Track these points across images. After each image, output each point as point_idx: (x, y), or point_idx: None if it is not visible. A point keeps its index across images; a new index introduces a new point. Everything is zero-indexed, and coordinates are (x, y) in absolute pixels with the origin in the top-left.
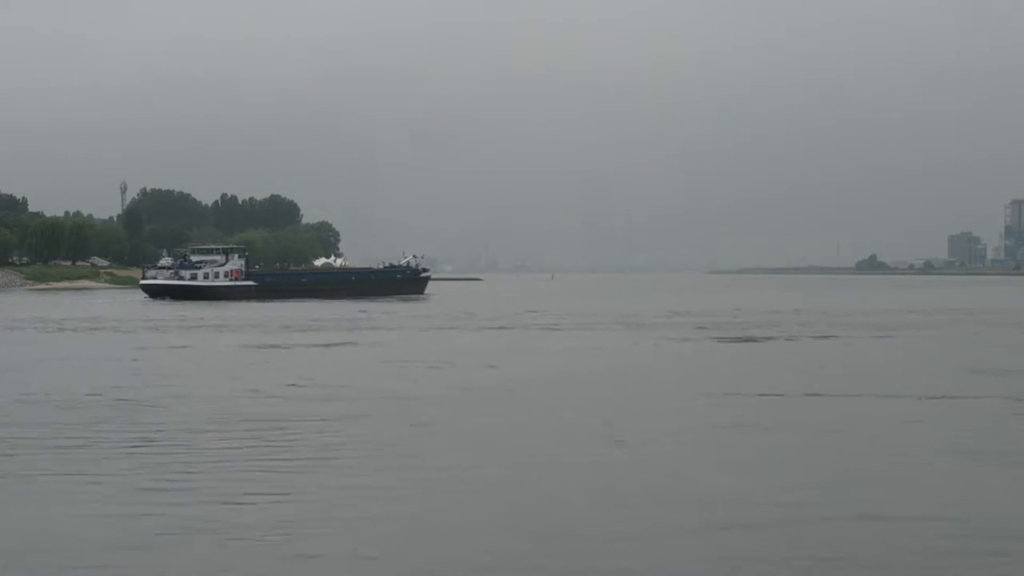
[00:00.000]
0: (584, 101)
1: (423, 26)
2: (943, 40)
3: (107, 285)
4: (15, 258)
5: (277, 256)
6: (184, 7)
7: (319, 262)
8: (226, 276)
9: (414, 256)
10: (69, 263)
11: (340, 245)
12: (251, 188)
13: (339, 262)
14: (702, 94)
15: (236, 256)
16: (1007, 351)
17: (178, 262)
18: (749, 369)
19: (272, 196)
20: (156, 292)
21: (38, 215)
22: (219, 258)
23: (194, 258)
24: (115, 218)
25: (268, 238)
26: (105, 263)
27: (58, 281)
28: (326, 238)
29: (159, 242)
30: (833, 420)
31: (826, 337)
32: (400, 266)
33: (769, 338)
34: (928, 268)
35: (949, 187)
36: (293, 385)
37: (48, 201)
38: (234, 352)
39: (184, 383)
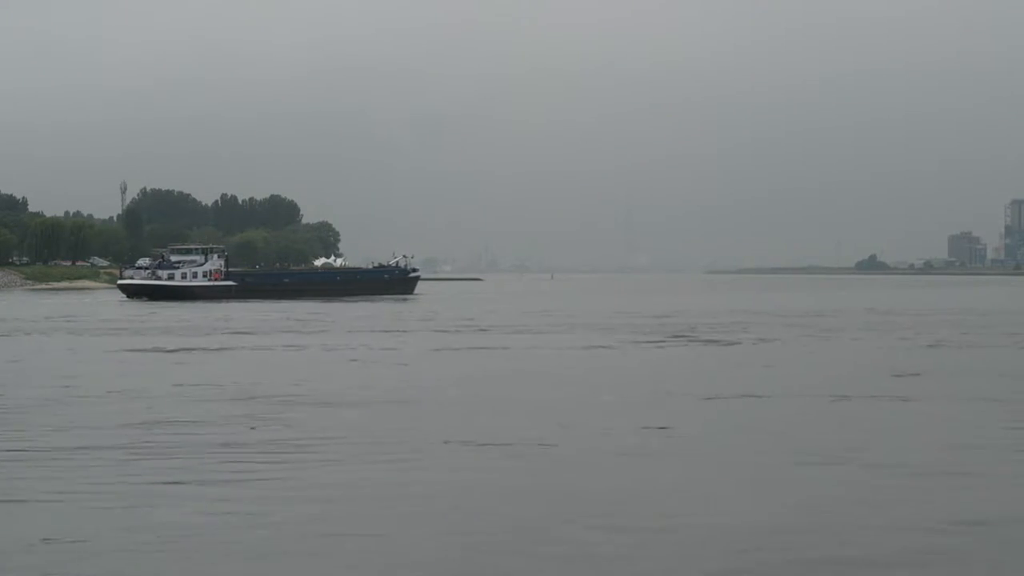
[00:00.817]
0: (584, 101)
1: (423, 26)
2: (943, 40)
3: (107, 285)
4: (15, 258)
5: (277, 256)
6: (184, 7)
7: (319, 262)
8: (204, 276)
9: (404, 256)
10: (69, 263)
11: (340, 245)
12: (251, 188)
13: (339, 262)
14: (702, 94)
15: (216, 256)
16: (936, 353)
17: (156, 262)
18: (652, 372)
19: (272, 196)
20: (133, 292)
21: (38, 215)
22: (198, 258)
23: (173, 258)
24: (115, 218)
25: (268, 238)
26: (105, 263)
27: (58, 281)
28: (326, 238)
29: (159, 242)
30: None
31: (765, 340)
32: (389, 266)
33: (706, 340)
34: (928, 268)
35: (949, 187)
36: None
37: (48, 201)
38: (121, 356)
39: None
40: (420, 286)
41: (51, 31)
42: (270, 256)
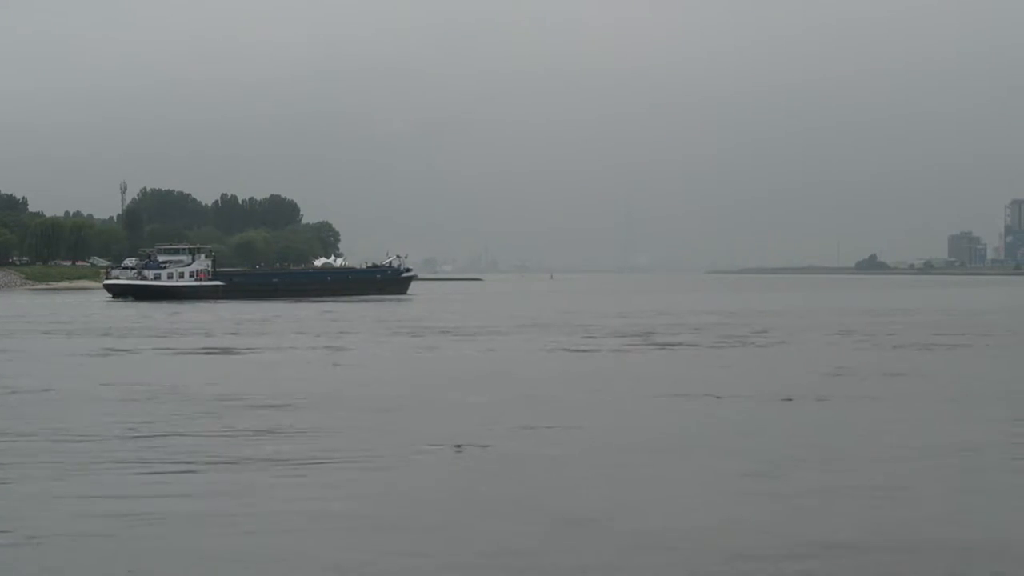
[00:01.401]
0: (584, 101)
1: (423, 26)
2: (943, 40)
3: None
4: (15, 258)
5: (277, 256)
6: (183, 7)
7: (319, 262)
8: (191, 276)
9: (398, 256)
10: (69, 263)
11: (340, 245)
12: (251, 188)
13: (339, 262)
14: (702, 94)
15: (203, 256)
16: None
17: (143, 262)
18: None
19: (272, 196)
20: (119, 292)
21: (38, 215)
22: (185, 258)
23: (160, 258)
24: (115, 218)
25: (268, 238)
26: (105, 263)
27: (58, 281)
28: (326, 238)
29: (159, 242)
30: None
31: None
32: (382, 266)
33: (661, 342)
34: (928, 268)
35: (949, 187)
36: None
37: (48, 201)
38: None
39: None
40: (417, 287)
41: (51, 32)
42: (270, 256)
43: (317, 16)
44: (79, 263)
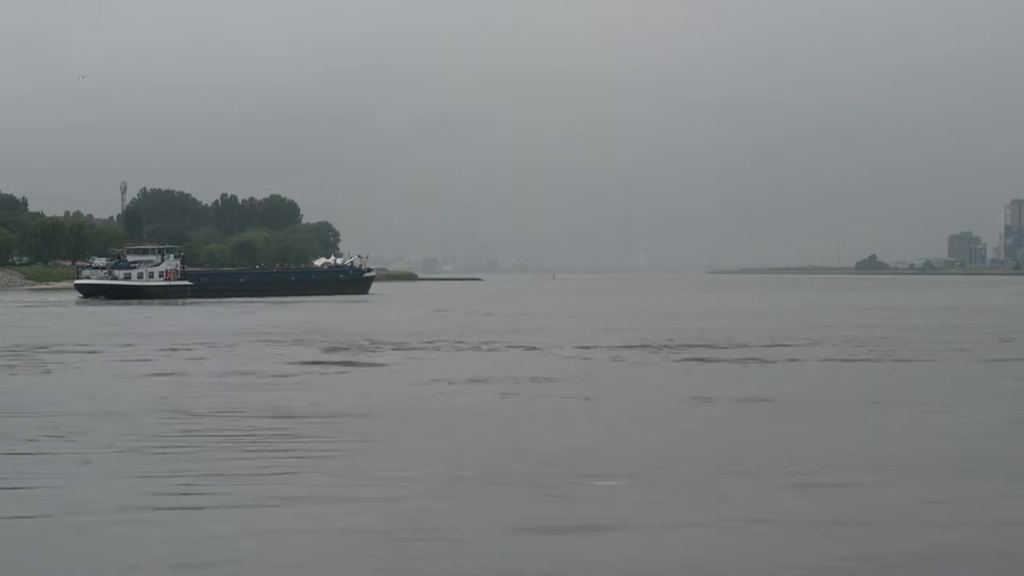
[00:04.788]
0: (584, 101)
1: (424, 26)
2: (943, 40)
3: None
4: (15, 258)
5: (277, 256)
6: (184, 7)
7: (319, 262)
8: (160, 276)
9: (359, 256)
10: (69, 263)
11: (340, 245)
12: (251, 188)
13: (339, 262)
14: (701, 94)
15: (172, 256)
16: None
17: (113, 262)
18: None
19: (272, 196)
20: (90, 292)
21: (38, 215)
22: (154, 258)
23: (130, 258)
24: (115, 218)
25: (268, 238)
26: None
27: (58, 281)
28: (326, 238)
29: (159, 242)
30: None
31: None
32: (344, 266)
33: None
34: (928, 268)
35: (949, 187)
36: None
37: (48, 201)
38: None
39: None
40: (392, 287)
41: (50, 31)
42: (270, 256)
43: (318, 15)
44: (79, 263)
